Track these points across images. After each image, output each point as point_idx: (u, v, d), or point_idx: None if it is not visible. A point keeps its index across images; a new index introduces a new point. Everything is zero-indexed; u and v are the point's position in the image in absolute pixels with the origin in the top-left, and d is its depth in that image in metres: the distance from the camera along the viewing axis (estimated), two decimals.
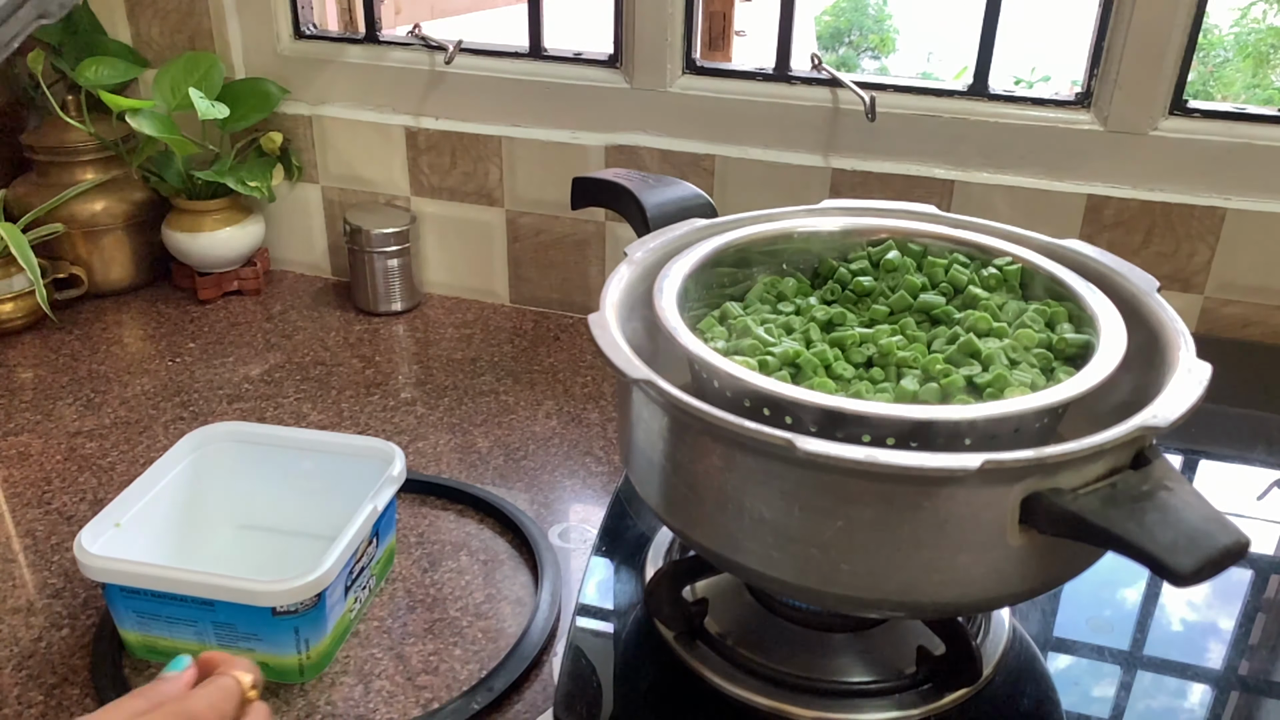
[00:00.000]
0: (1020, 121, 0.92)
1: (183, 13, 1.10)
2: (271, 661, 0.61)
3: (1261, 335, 0.92)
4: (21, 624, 0.67)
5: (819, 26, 6.09)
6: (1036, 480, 0.42)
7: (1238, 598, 0.65)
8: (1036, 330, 0.53)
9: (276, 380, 0.96)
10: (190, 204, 1.08)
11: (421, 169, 1.09)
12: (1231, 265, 0.90)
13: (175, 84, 1.04)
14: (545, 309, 1.11)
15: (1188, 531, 0.39)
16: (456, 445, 0.86)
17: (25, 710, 0.61)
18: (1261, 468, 0.80)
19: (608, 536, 0.67)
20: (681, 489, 0.50)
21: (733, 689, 0.54)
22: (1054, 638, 0.60)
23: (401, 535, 0.75)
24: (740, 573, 0.52)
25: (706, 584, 0.60)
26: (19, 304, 1.02)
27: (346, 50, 1.09)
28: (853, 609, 0.53)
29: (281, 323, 1.07)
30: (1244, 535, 0.38)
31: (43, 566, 0.72)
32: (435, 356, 1.01)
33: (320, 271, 1.18)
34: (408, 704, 0.61)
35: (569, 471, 0.83)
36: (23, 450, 0.85)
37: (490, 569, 0.72)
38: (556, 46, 1.04)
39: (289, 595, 0.58)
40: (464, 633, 0.66)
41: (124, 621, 0.63)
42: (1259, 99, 4.58)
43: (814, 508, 0.45)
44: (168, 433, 0.88)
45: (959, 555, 0.44)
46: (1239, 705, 0.58)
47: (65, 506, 0.78)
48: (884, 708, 0.53)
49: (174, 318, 1.08)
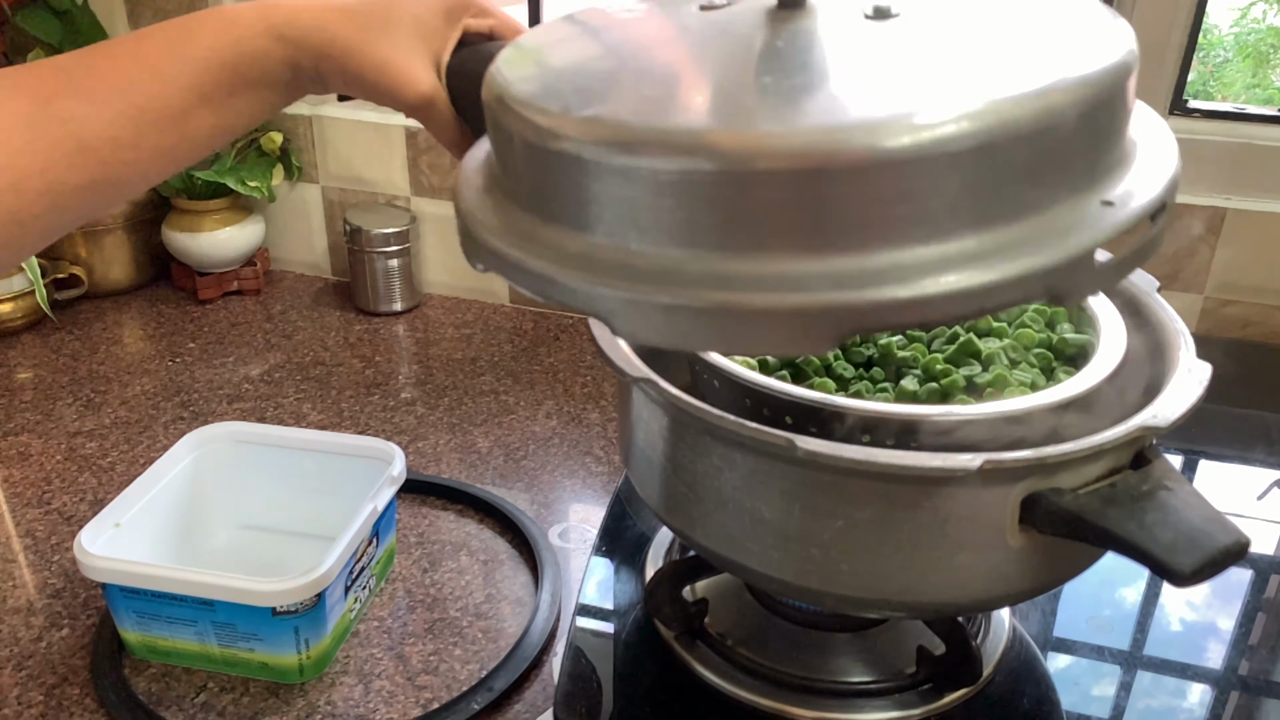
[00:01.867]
0: None
1: (182, 13, 1.09)
2: (271, 661, 0.61)
3: (1261, 335, 0.92)
4: (21, 624, 0.67)
5: None
6: (1036, 480, 0.42)
7: (1238, 598, 0.65)
8: (1036, 330, 0.53)
9: (276, 380, 0.96)
10: (190, 204, 1.08)
11: (421, 169, 1.09)
12: (1231, 265, 0.90)
13: None
14: (545, 309, 1.11)
15: (1188, 531, 0.39)
16: (456, 445, 0.86)
17: (25, 710, 0.61)
18: (1261, 468, 0.80)
19: (608, 536, 0.67)
20: (681, 489, 0.50)
21: (733, 689, 0.54)
22: (1054, 638, 0.60)
23: (401, 535, 0.75)
24: (740, 573, 0.52)
25: (706, 584, 0.60)
26: (19, 304, 1.02)
27: None
28: (853, 609, 0.53)
29: (281, 323, 1.07)
30: (1244, 535, 0.38)
31: (43, 566, 0.72)
32: (435, 356, 1.01)
33: (320, 271, 1.18)
34: (408, 704, 0.61)
35: (569, 471, 0.83)
36: (23, 450, 0.85)
37: (490, 569, 0.72)
38: None
39: (289, 595, 0.58)
40: (464, 633, 0.66)
41: (124, 621, 0.63)
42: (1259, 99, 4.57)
43: (814, 508, 0.45)
44: (168, 433, 0.88)
45: (959, 555, 0.44)
46: (1239, 705, 0.58)
47: (65, 506, 0.78)
48: (884, 708, 0.53)
49: (174, 318, 1.08)
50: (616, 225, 0.35)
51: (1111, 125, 0.37)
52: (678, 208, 0.34)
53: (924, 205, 0.32)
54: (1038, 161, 0.33)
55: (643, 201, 0.34)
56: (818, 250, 0.33)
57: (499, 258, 0.39)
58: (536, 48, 0.44)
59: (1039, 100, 0.33)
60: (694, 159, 0.33)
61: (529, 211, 0.39)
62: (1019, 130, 0.32)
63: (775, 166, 0.32)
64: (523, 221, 0.39)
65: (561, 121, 0.36)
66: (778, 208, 0.33)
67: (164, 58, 0.45)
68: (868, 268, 0.32)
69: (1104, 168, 0.36)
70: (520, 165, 0.39)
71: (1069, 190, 0.35)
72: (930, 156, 0.32)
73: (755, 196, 0.33)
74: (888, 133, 0.32)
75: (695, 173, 0.33)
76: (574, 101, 0.37)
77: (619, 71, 0.40)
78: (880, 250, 0.32)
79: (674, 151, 0.33)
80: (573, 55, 0.43)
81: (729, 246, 0.33)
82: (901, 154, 0.31)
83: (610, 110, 0.36)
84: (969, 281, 0.32)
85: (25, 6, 1.06)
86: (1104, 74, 0.35)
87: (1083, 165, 0.35)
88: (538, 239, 0.37)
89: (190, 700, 0.61)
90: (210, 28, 0.46)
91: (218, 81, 0.46)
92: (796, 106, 0.34)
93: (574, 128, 0.35)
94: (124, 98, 0.43)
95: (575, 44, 0.44)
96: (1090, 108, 0.34)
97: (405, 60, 0.49)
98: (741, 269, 0.33)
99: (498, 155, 0.42)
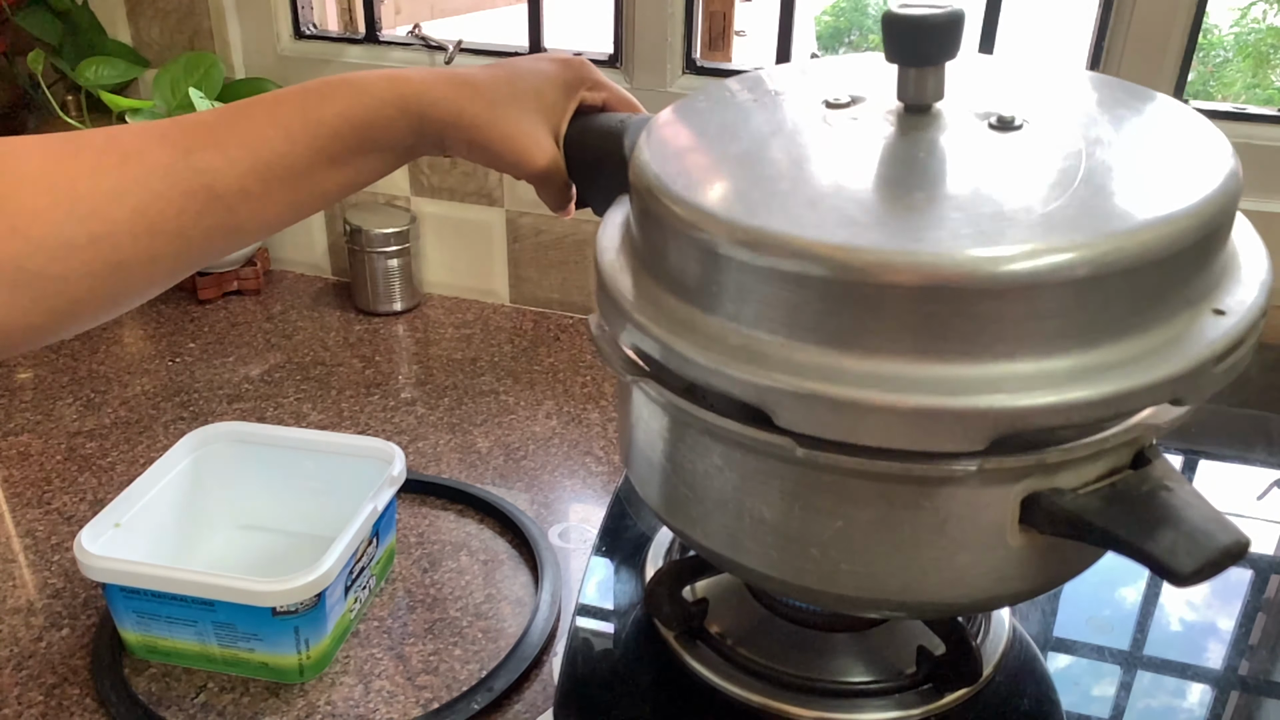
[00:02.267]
0: None
1: (183, 13, 1.10)
2: (271, 661, 0.61)
3: (1262, 335, 0.92)
4: (21, 624, 0.67)
5: (819, 26, 6.10)
6: (1036, 480, 0.42)
7: (1238, 598, 0.65)
8: None
9: (276, 380, 0.96)
10: None
11: (421, 169, 1.09)
12: None
13: (175, 84, 1.04)
14: (545, 309, 1.11)
15: (1188, 531, 0.39)
16: (456, 445, 0.86)
17: (25, 710, 0.61)
18: (1261, 468, 0.80)
19: (608, 536, 0.67)
20: (681, 489, 0.50)
21: (733, 689, 0.54)
22: (1054, 637, 0.60)
23: (401, 535, 0.75)
24: (740, 573, 0.52)
25: (706, 584, 0.60)
26: None
27: (346, 50, 1.09)
28: (853, 609, 0.53)
29: (281, 323, 1.07)
30: (1245, 535, 0.38)
31: (43, 566, 0.72)
32: (435, 356, 1.01)
33: (320, 271, 1.18)
34: (408, 704, 0.61)
35: (569, 471, 0.83)
36: (23, 450, 0.85)
37: (490, 569, 0.72)
38: (556, 46, 1.04)
39: (289, 595, 0.58)
40: (464, 633, 0.66)
41: (124, 621, 0.63)
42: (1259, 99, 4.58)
43: (814, 508, 0.44)
44: (168, 433, 0.88)
45: (959, 555, 0.44)
46: (1239, 705, 0.58)
47: (65, 506, 0.78)
48: (884, 708, 0.53)
49: (174, 318, 1.08)
50: (780, 324, 0.39)
51: (1221, 243, 0.42)
52: (837, 312, 0.38)
53: (1062, 320, 0.37)
54: (1159, 282, 0.38)
55: (808, 306, 0.38)
56: (975, 357, 0.37)
57: (662, 345, 0.42)
58: (677, 136, 0.48)
59: (1163, 229, 0.38)
60: (848, 271, 0.37)
61: (687, 301, 0.42)
62: (1143, 258, 0.37)
63: (930, 283, 0.36)
64: (680, 310, 0.43)
65: (732, 229, 0.40)
66: (928, 319, 0.37)
67: (295, 120, 0.48)
68: (1019, 374, 0.37)
69: (1214, 278, 0.41)
70: (681, 259, 0.42)
71: (1186, 303, 0.40)
72: (1053, 282, 0.36)
73: (913, 309, 0.37)
74: (1012, 260, 0.36)
75: (848, 284, 0.37)
76: (739, 209, 0.41)
77: (774, 178, 0.44)
78: (1030, 359, 0.37)
79: (836, 267, 0.37)
80: (716, 150, 0.47)
81: (887, 350, 0.38)
82: (1029, 279, 0.36)
83: (776, 222, 0.39)
84: (1106, 389, 0.37)
85: (25, 6, 1.06)
86: (1216, 201, 0.40)
87: (1198, 280, 0.40)
88: (700, 329, 0.41)
89: (190, 700, 0.61)
90: (343, 94, 0.49)
91: (345, 145, 0.49)
92: (938, 227, 0.38)
93: (744, 236, 0.39)
94: (255, 154, 0.47)
95: (715, 137, 0.48)
96: (1204, 235, 0.39)
97: (529, 133, 0.53)
98: (900, 371, 0.37)
99: (648, 240, 0.45)
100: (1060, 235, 0.37)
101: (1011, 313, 0.36)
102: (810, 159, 0.45)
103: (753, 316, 0.40)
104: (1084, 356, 0.37)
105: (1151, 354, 0.38)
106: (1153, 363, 0.37)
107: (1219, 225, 0.40)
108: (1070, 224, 0.37)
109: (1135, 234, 0.37)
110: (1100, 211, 0.38)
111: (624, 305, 0.44)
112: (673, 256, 0.43)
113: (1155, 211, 0.38)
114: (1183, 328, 0.39)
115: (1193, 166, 0.41)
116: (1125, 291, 0.37)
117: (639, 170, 0.45)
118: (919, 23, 0.43)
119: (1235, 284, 0.42)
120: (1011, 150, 0.43)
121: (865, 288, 0.37)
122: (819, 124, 0.47)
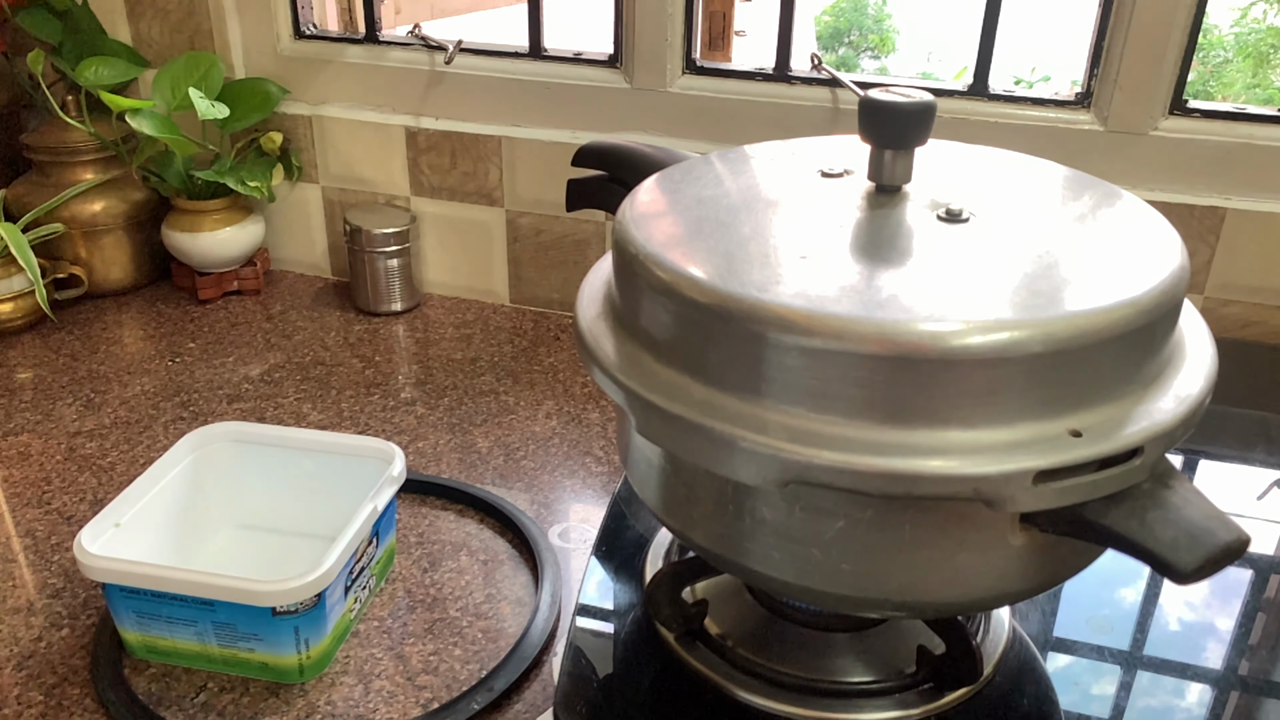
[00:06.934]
0: (1020, 121, 0.92)
1: (183, 13, 1.10)
2: (271, 661, 0.61)
3: (1261, 335, 0.92)
4: (21, 624, 0.67)
5: (819, 26, 6.11)
6: None
7: (1237, 597, 0.65)
8: None
9: (276, 380, 0.96)
10: (190, 204, 1.08)
11: (421, 169, 1.09)
12: (1231, 265, 0.90)
13: (175, 84, 1.04)
14: (545, 309, 1.11)
15: (1189, 529, 0.39)
16: (456, 445, 0.86)
17: (25, 710, 0.61)
18: (1261, 468, 0.80)
19: (608, 537, 0.67)
20: (681, 490, 0.50)
21: (733, 690, 0.54)
22: (1054, 637, 0.60)
23: (401, 535, 0.75)
24: (740, 573, 0.52)
25: (706, 585, 0.60)
26: (19, 304, 1.02)
27: (346, 50, 1.09)
28: (853, 609, 0.53)
29: (281, 323, 1.07)
30: (1245, 532, 0.38)
31: (43, 566, 0.72)
32: (435, 356, 1.01)
33: (320, 271, 1.18)
34: (408, 704, 0.61)
35: (569, 471, 0.83)
36: (23, 450, 0.85)
37: (490, 569, 0.72)
38: (556, 46, 1.04)
39: (289, 595, 0.58)
40: (464, 633, 0.66)
41: (124, 621, 0.63)
42: (1259, 99, 4.59)
43: (814, 508, 0.45)
44: (168, 433, 0.88)
45: (959, 555, 0.44)
46: (1239, 705, 0.58)
47: (65, 506, 0.78)
48: (884, 708, 0.53)
49: (174, 318, 1.08)
50: (785, 392, 0.41)
51: (1169, 329, 0.45)
52: (840, 382, 0.40)
53: (1067, 387, 0.40)
54: (1113, 363, 0.41)
55: (812, 374, 0.40)
56: (926, 424, 0.40)
57: (677, 420, 0.43)
58: (658, 203, 0.50)
59: (1110, 315, 0.41)
60: (862, 345, 0.39)
61: (663, 360, 0.45)
62: (1096, 339, 0.40)
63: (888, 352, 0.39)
64: (661, 372, 0.45)
65: (740, 303, 0.41)
66: (899, 386, 0.40)
67: None
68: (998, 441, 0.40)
69: (1164, 360, 0.44)
70: (679, 331, 0.44)
71: (1141, 384, 0.43)
72: (1015, 359, 0.39)
73: (869, 376, 0.40)
74: (954, 337, 0.39)
75: (811, 350, 0.40)
76: (751, 279, 0.42)
77: (776, 247, 0.46)
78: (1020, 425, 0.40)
79: (851, 340, 0.39)
80: (708, 217, 0.48)
81: (850, 414, 0.40)
82: (989, 356, 0.39)
83: (785, 294, 0.41)
84: (1076, 454, 0.40)
85: (25, 7, 1.06)
86: (1163, 290, 0.43)
87: (1149, 362, 0.43)
88: (715, 405, 0.42)
89: (190, 700, 0.61)
90: None
91: None
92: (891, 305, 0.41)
93: (751, 309, 0.41)
94: None
95: (695, 206, 0.49)
96: (1153, 319, 0.42)
97: None
98: (899, 439, 0.40)
99: (641, 310, 0.46)
100: (992, 316, 0.40)
101: (947, 384, 0.39)
102: (814, 237, 0.47)
103: (735, 380, 0.42)
104: (1047, 426, 0.40)
105: (1108, 426, 0.41)
106: (1109, 435, 0.41)
107: (1165, 314, 0.43)
108: (1006, 307, 0.40)
109: (1081, 319, 0.40)
110: (1038, 299, 0.41)
111: (606, 365, 0.46)
112: (664, 323, 0.45)
113: (1092, 302, 0.41)
114: (1133, 405, 0.42)
115: (1138, 261, 0.45)
116: (1082, 370, 0.40)
117: (622, 234, 0.47)
118: (895, 109, 0.46)
119: (1184, 366, 0.45)
120: (963, 239, 0.46)
121: (828, 354, 0.40)
122: (798, 197, 0.50)
